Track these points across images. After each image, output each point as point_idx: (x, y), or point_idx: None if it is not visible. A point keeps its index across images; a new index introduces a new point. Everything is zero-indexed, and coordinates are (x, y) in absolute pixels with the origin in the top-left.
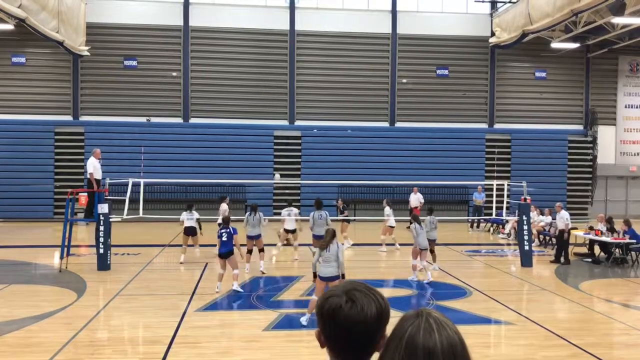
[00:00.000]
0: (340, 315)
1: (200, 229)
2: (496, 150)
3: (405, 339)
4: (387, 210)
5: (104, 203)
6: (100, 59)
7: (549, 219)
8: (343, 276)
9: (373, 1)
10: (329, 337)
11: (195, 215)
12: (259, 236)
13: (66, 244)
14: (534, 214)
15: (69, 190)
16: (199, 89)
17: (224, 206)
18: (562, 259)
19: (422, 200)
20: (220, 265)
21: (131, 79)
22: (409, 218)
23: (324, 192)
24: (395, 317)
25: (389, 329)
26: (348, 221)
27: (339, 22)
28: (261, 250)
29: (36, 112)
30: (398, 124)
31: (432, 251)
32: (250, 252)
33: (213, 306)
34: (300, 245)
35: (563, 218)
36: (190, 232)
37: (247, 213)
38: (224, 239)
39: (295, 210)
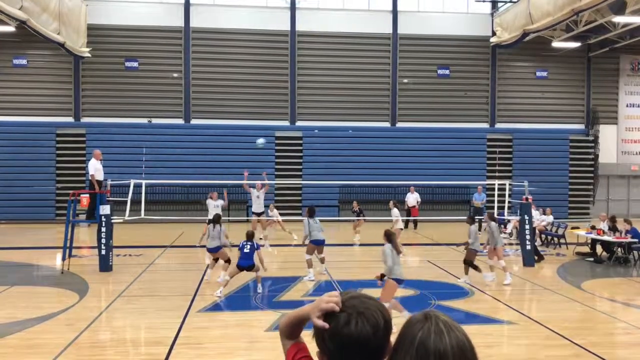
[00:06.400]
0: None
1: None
2: (497, 149)
3: (417, 343)
4: (395, 212)
5: (105, 204)
6: (101, 61)
7: (550, 218)
8: None
9: (374, 1)
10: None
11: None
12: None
13: (68, 245)
14: (536, 213)
15: (71, 191)
16: (200, 90)
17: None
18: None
19: (419, 200)
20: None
21: (132, 80)
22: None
23: (325, 193)
24: (396, 318)
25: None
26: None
27: (339, 22)
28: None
29: (37, 113)
30: (399, 124)
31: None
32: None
33: (215, 307)
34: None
35: (537, 218)
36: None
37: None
38: (246, 250)
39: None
